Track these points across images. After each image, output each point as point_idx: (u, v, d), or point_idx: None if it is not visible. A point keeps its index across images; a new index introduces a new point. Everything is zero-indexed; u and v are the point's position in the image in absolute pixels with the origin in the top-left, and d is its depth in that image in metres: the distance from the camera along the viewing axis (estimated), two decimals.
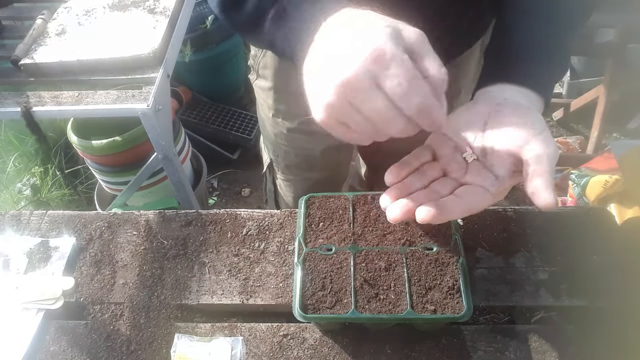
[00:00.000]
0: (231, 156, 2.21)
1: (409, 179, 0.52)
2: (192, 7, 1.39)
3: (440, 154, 0.54)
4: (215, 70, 2.23)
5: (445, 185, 0.51)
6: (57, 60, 1.19)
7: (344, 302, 0.60)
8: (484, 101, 0.54)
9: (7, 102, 1.20)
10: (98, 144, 1.46)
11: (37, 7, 1.41)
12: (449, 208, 0.48)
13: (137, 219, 0.82)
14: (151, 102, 1.14)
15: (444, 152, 0.54)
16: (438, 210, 0.47)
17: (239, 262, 0.75)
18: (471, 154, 0.52)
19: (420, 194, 0.50)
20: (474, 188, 0.50)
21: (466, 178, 0.52)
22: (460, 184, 0.51)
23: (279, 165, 1.05)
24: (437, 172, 0.53)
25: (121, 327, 0.70)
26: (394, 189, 0.51)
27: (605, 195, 1.41)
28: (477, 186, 0.50)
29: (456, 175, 0.52)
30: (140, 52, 1.18)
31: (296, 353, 0.66)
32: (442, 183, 0.52)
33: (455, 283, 0.61)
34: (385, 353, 0.65)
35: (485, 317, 0.69)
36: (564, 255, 0.73)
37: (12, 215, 0.84)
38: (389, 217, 0.50)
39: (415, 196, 0.50)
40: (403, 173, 0.52)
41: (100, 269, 0.76)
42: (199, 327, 0.69)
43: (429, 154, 0.55)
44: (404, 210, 0.49)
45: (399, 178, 0.52)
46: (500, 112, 0.51)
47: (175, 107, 2.04)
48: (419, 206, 0.48)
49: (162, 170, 1.51)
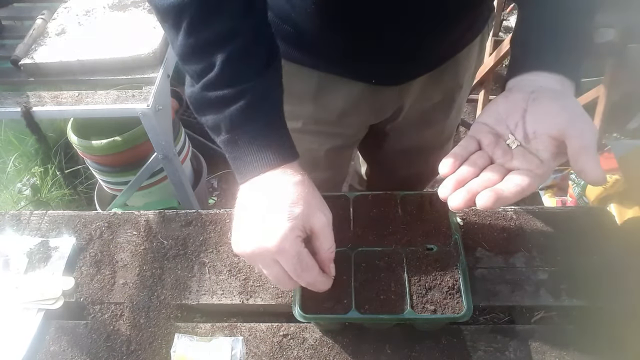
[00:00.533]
0: None
1: (462, 169, 0.55)
2: None
3: (484, 143, 0.57)
4: None
5: (495, 172, 0.54)
6: (57, 60, 1.19)
7: (344, 302, 0.60)
8: (519, 90, 0.57)
9: (7, 102, 1.20)
10: (98, 144, 1.46)
11: (37, 7, 1.41)
12: (505, 193, 0.51)
13: (137, 219, 0.82)
14: (151, 102, 1.14)
15: (487, 141, 0.57)
16: (496, 195, 0.50)
17: (239, 262, 0.75)
18: (514, 141, 0.55)
19: (475, 182, 0.53)
20: (522, 172, 0.53)
21: (513, 163, 0.54)
22: (508, 170, 0.54)
23: None
24: (486, 161, 0.56)
25: (121, 327, 0.70)
26: (450, 179, 0.54)
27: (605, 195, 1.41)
28: (524, 170, 0.53)
29: (503, 162, 0.55)
30: (140, 52, 1.18)
31: (296, 353, 0.66)
32: (492, 170, 0.54)
33: (455, 283, 0.61)
34: (385, 353, 0.65)
35: (485, 317, 0.69)
36: (564, 255, 0.73)
37: (12, 215, 0.84)
38: (451, 206, 0.52)
39: (471, 185, 0.53)
40: (456, 164, 0.55)
41: (100, 269, 0.76)
42: (199, 327, 0.69)
43: (475, 143, 0.57)
44: (466, 198, 0.52)
45: (453, 169, 0.55)
46: (537, 99, 0.54)
47: (175, 107, 2.03)
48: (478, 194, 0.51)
49: (162, 170, 1.51)
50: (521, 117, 0.55)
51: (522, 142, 0.55)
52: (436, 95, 0.92)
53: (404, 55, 0.76)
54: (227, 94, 0.56)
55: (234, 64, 0.56)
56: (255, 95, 0.56)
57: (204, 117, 0.59)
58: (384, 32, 0.71)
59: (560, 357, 0.64)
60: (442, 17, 0.71)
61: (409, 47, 0.74)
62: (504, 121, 0.56)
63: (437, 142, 1.11)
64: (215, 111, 0.57)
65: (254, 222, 0.55)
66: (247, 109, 0.56)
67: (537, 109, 0.54)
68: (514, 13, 2.59)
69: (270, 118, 0.58)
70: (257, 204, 0.55)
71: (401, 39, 0.72)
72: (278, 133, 0.58)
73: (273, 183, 0.56)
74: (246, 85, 0.56)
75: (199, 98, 0.58)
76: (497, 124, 0.57)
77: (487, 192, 0.51)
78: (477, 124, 0.58)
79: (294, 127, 0.93)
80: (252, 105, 0.56)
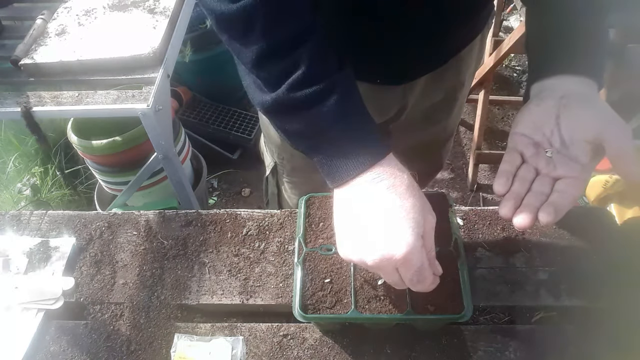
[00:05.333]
0: (231, 156, 2.21)
1: (515, 186, 0.56)
2: (192, 7, 1.39)
3: (527, 155, 0.58)
4: (215, 70, 2.23)
5: (544, 184, 0.56)
6: (57, 60, 1.19)
7: (344, 302, 0.60)
8: (547, 97, 0.58)
9: (7, 102, 1.20)
10: (98, 144, 1.46)
11: (37, 7, 1.41)
12: (561, 205, 0.53)
13: (137, 219, 0.82)
14: (151, 102, 1.14)
15: (528, 152, 0.58)
16: (555, 209, 0.53)
17: (239, 262, 0.75)
18: (552, 151, 0.57)
19: (531, 199, 0.55)
20: (568, 180, 0.55)
21: (558, 172, 0.56)
22: (554, 179, 0.56)
23: (284, 168, 1.04)
24: (532, 173, 0.57)
25: (121, 327, 0.70)
26: (508, 200, 0.56)
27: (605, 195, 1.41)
28: (569, 178, 0.55)
29: (547, 171, 0.56)
30: (140, 52, 1.18)
31: (296, 353, 0.66)
32: (541, 182, 0.56)
33: (455, 283, 0.61)
34: (385, 353, 0.65)
35: (485, 317, 0.69)
36: (564, 255, 0.73)
37: (12, 215, 0.84)
38: (518, 226, 0.54)
39: (529, 200, 0.55)
40: (508, 183, 0.57)
41: (100, 269, 0.76)
42: (199, 327, 0.69)
43: (518, 156, 0.58)
44: (529, 218, 0.53)
45: (507, 188, 0.57)
46: (568, 105, 0.56)
47: (175, 107, 2.04)
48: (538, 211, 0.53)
49: (162, 170, 1.51)
50: (555, 124, 0.56)
51: (560, 149, 0.56)
52: (439, 94, 0.92)
53: (409, 56, 0.76)
54: (317, 91, 0.53)
55: (320, 60, 0.54)
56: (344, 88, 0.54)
57: (289, 123, 0.57)
58: (388, 34, 0.71)
59: (560, 357, 0.64)
60: (447, 18, 0.72)
61: (414, 47, 0.74)
62: (540, 129, 0.57)
63: (439, 140, 1.11)
64: (303, 112, 0.55)
65: (375, 229, 0.52)
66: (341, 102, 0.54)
67: (569, 114, 0.55)
68: (514, 13, 2.59)
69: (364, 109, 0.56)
70: (378, 204, 0.53)
71: (406, 40, 0.72)
72: (374, 124, 0.56)
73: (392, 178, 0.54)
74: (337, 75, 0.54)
75: (285, 101, 0.54)
76: (534, 133, 0.58)
77: (547, 208, 0.53)
78: (516, 134, 0.59)
79: None
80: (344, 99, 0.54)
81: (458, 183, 2.16)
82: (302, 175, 1.03)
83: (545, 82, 0.59)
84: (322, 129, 0.55)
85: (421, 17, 0.69)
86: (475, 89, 2.07)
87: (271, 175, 1.11)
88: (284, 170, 1.05)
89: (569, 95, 0.56)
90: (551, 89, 0.58)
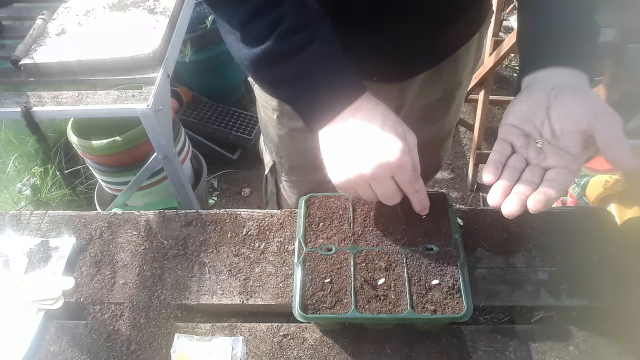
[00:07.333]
0: (231, 156, 2.21)
1: (504, 175, 0.57)
2: (192, 7, 1.39)
3: (517, 145, 0.58)
4: (215, 70, 2.23)
5: (534, 174, 0.56)
6: (57, 60, 1.19)
7: (344, 302, 0.60)
8: (537, 88, 0.58)
9: (7, 102, 1.20)
10: (98, 144, 1.46)
11: (37, 7, 1.41)
12: (551, 193, 0.53)
13: (137, 219, 0.82)
14: (151, 102, 1.14)
15: (518, 143, 0.58)
16: (545, 197, 0.53)
17: (239, 262, 0.75)
18: (542, 142, 0.57)
19: (521, 187, 0.55)
20: (559, 170, 0.55)
21: (548, 162, 0.56)
22: (544, 169, 0.56)
23: (283, 166, 1.04)
24: (523, 163, 0.58)
25: (121, 327, 0.70)
26: (497, 187, 0.56)
27: (605, 195, 1.41)
28: (560, 168, 0.55)
29: (538, 161, 0.57)
30: (140, 52, 1.18)
31: (296, 353, 0.66)
32: (532, 171, 0.56)
33: (455, 283, 0.61)
34: (385, 353, 0.65)
35: (485, 317, 0.69)
36: (564, 255, 0.73)
37: (12, 215, 0.84)
38: (506, 213, 0.54)
39: (519, 189, 0.55)
40: (497, 172, 0.57)
41: (100, 269, 0.76)
42: (199, 327, 0.69)
43: (508, 146, 0.59)
44: (518, 205, 0.54)
45: (496, 177, 0.57)
46: (559, 95, 0.56)
47: (175, 107, 2.04)
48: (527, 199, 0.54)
49: (162, 170, 1.51)
50: (546, 115, 0.57)
51: (551, 140, 0.56)
52: (436, 92, 0.93)
53: (405, 53, 0.76)
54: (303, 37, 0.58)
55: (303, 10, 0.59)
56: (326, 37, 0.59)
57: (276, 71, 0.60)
58: (385, 31, 0.71)
59: (560, 357, 0.64)
60: (443, 15, 0.72)
61: (411, 45, 0.74)
62: (531, 120, 0.58)
63: (437, 139, 1.11)
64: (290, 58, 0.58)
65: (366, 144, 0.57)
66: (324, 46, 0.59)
67: (560, 105, 0.56)
68: (514, 13, 2.59)
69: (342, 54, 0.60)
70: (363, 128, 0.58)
71: (403, 37, 0.72)
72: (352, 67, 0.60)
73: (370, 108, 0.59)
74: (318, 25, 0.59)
75: (274, 50, 0.58)
76: (524, 123, 0.58)
77: (537, 196, 0.53)
78: (505, 125, 0.60)
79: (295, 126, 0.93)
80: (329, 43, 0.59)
81: (458, 183, 2.16)
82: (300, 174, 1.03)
83: (536, 74, 0.59)
84: (308, 73, 0.59)
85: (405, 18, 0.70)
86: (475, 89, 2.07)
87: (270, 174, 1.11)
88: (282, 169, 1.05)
89: (559, 86, 0.56)
90: (542, 80, 0.58)
